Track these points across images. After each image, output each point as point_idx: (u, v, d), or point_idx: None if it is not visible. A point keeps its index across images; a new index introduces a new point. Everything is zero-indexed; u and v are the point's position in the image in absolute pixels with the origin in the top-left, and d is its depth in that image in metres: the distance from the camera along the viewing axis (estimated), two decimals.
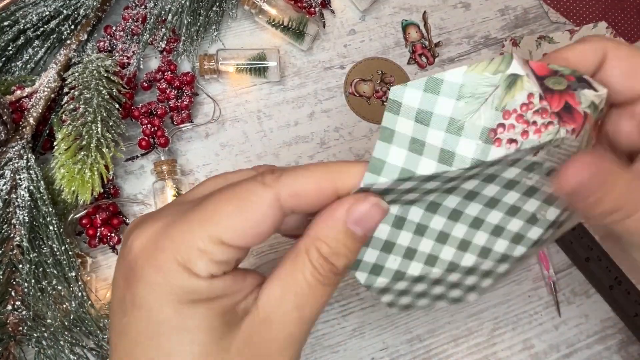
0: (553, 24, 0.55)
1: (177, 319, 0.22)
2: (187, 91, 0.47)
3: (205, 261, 0.22)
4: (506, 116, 0.22)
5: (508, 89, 0.22)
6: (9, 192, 0.39)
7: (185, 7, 0.46)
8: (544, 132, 0.22)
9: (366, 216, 0.23)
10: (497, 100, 0.22)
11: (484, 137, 0.22)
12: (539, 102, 0.22)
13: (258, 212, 0.22)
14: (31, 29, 0.45)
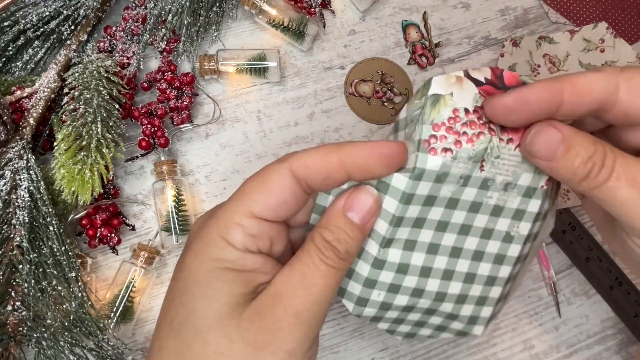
0: (553, 24, 0.55)
1: (207, 279, 0.25)
2: (187, 91, 0.47)
3: (240, 232, 0.26)
4: (436, 128, 0.26)
5: (433, 106, 0.26)
6: (9, 192, 0.39)
7: (185, 7, 0.46)
8: (477, 141, 0.26)
9: (360, 203, 0.27)
10: (426, 116, 0.26)
11: (420, 148, 0.26)
12: (465, 115, 0.26)
13: (276, 183, 0.26)
14: (31, 29, 0.45)
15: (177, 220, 0.43)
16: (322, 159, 0.26)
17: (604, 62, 0.52)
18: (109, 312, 0.41)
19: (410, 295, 0.29)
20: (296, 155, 0.26)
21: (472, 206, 0.27)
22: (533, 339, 0.46)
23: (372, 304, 0.29)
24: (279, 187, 0.26)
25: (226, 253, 0.26)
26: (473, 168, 0.26)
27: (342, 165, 0.26)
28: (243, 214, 0.26)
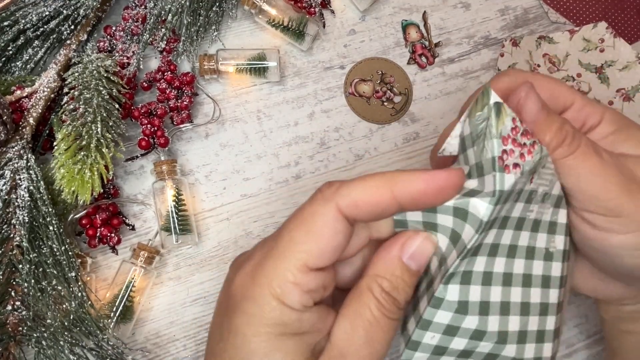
0: (553, 24, 0.55)
1: (266, 349, 0.24)
2: (187, 91, 0.47)
3: (297, 292, 0.24)
4: (505, 142, 0.24)
5: (497, 117, 0.24)
6: (9, 192, 0.39)
7: (185, 7, 0.46)
8: (533, 151, 0.24)
9: (419, 250, 0.26)
10: (493, 129, 0.24)
11: (497, 167, 0.23)
12: (521, 124, 0.24)
13: (326, 228, 0.24)
14: (31, 29, 0.45)
15: (177, 220, 0.43)
16: (373, 194, 0.24)
17: (604, 61, 0.52)
18: (109, 312, 0.41)
19: (470, 338, 0.26)
20: (342, 192, 0.24)
21: (518, 223, 0.25)
22: None
23: (425, 347, 0.26)
24: (330, 232, 0.24)
25: (283, 317, 0.24)
26: (527, 181, 0.25)
27: (395, 200, 0.24)
28: (297, 270, 0.24)
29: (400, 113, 0.51)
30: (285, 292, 0.23)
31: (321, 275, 0.24)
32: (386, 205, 0.24)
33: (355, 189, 0.24)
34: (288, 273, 0.24)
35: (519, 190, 0.24)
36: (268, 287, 0.24)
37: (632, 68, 0.52)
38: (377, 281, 0.25)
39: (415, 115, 0.51)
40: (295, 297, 0.23)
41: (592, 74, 0.52)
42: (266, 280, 0.24)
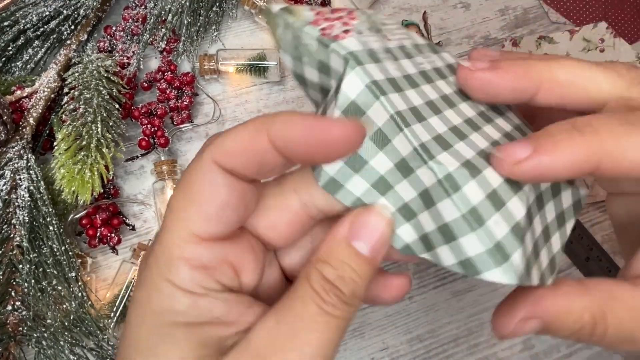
0: (553, 24, 0.55)
1: (149, 341, 0.19)
2: (187, 91, 0.47)
3: (185, 268, 0.19)
4: (316, 24, 0.22)
5: (291, 14, 0.22)
6: (9, 192, 0.39)
7: (185, 7, 0.46)
8: (356, 16, 0.22)
9: (369, 228, 0.20)
10: (297, 24, 0.22)
11: (327, 41, 0.21)
12: (329, 13, 0.23)
13: (204, 185, 0.20)
14: (31, 29, 0.45)
15: None
16: (246, 140, 0.19)
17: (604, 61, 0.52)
18: (109, 312, 0.41)
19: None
20: (216, 140, 0.20)
21: (425, 76, 0.23)
22: (533, 338, 0.46)
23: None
24: (209, 188, 0.20)
25: (172, 302, 0.19)
26: (382, 39, 0.22)
27: (274, 145, 0.19)
28: (184, 242, 0.19)
29: None
30: (172, 270, 0.19)
31: (219, 246, 0.20)
32: (263, 152, 0.19)
33: (228, 136, 0.20)
34: (174, 247, 0.19)
35: (384, 49, 0.22)
36: (156, 267, 0.20)
37: None
38: (317, 268, 0.20)
39: None
40: (185, 274, 0.19)
41: None
42: (154, 259, 0.20)
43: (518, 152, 0.19)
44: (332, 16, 0.22)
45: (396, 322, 0.45)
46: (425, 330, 0.45)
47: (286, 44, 0.22)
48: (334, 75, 0.21)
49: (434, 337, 0.45)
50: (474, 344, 0.45)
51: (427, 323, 0.45)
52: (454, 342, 0.45)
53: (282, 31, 0.22)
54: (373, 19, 0.23)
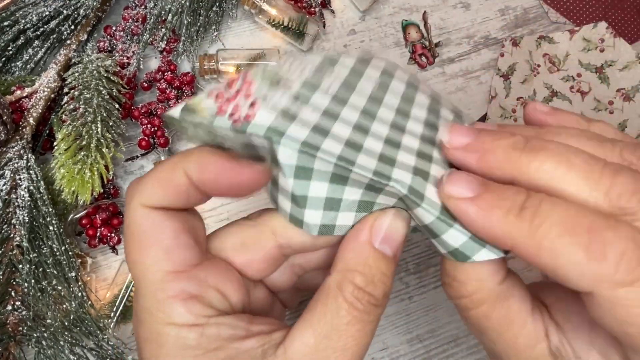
0: (553, 24, 0.55)
1: None
2: (187, 91, 0.47)
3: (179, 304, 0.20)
4: (220, 113, 0.21)
5: (192, 112, 0.22)
6: (9, 192, 0.39)
7: (185, 7, 0.46)
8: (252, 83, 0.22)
9: (391, 230, 0.21)
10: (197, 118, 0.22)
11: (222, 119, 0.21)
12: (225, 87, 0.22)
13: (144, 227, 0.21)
14: (31, 29, 0.45)
15: None
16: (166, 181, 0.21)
17: (604, 61, 0.52)
18: (109, 312, 0.41)
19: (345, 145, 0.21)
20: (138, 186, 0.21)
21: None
22: None
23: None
24: (153, 227, 0.21)
25: (182, 340, 0.20)
26: (285, 88, 0.22)
27: (194, 184, 0.21)
28: (161, 282, 0.20)
29: None
30: (167, 312, 0.20)
31: (195, 273, 0.21)
32: (184, 188, 0.21)
33: (148, 179, 0.21)
34: (157, 292, 0.20)
35: (292, 97, 0.22)
36: (151, 319, 0.20)
37: (632, 68, 0.52)
38: (347, 277, 0.21)
39: None
40: (181, 310, 0.20)
41: (592, 74, 0.52)
42: (146, 314, 0.21)
43: (463, 190, 0.20)
44: (231, 93, 0.22)
45: (396, 322, 0.45)
46: (425, 330, 0.45)
47: (203, 138, 0.23)
48: (263, 150, 0.21)
49: (434, 337, 0.45)
50: (474, 344, 0.45)
51: (427, 323, 0.45)
52: (454, 342, 0.45)
53: (194, 131, 0.22)
54: (268, 72, 0.23)
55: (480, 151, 0.20)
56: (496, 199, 0.19)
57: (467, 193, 0.19)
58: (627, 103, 0.51)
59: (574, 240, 0.17)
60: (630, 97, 0.51)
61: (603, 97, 0.52)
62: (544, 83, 0.53)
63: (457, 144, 0.21)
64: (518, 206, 0.18)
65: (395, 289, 0.46)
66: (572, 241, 0.17)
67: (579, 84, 0.52)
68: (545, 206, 0.18)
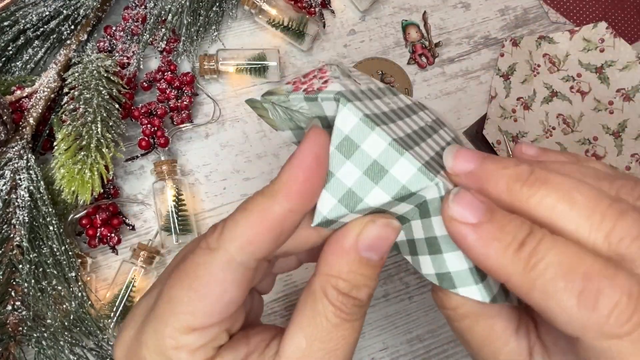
0: (553, 24, 0.55)
1: None
2: (187, 91, 0.47)
3: (185, 355, 0.20)
4: (297, 87, 0.23)
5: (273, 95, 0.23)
6: (9, 192, 0.39)
7: (185, 7, 0.46)
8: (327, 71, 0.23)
9: (379, 239, 0.21)
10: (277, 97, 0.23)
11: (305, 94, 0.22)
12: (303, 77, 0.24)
13: (213, 283, 0.20)
14: (31, 29, 0.45)
15: (177, 220, 0.43)
16: (264, 226, 0.20)
17: (604, 61, 0.52)
18: (109, 312, 0.41)
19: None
20: (227, 235, 0.20)
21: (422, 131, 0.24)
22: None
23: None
24: (219, 286, 0.20)
25: None
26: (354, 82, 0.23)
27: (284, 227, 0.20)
28: (178, 333, 0.20)
29: None
30: (171, 359, 0.20)
31: (211, 330, 0.21)
32: (281, 219, 0.20)
33: (239, 227, 0.20)
34: (168, 339, 0.20)
35: (359, 90, 0.22)
36: (152, 357, 0.20)
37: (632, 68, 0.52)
38: (331, 283, 0.21)
39: None
40: (186, 357, 0.20)
41: (592, 74, 0.52)
42: (147, 350, 0.20)
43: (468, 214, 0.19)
44: (306, 79, 0.23)
45: (396, 322, 0.45)
46: (425, 330, 0.45)
47: (281, 121, 0.24)
48: (333, 122, 0.21)
49: (434, 337, 0.45)
50: None
51: (427, 323, 0.45)
52: (454, 342, 0.45)
53: (272, 111, 0.23)
54: (342, 67, 0.24)
55: (483, 180, 0.20)
56: (498, 231, 0.19)
57: (470, 218, 0.19)
58: (627, 103, 0.51)
59: (568, 286, 0.17)
60: (630, 97, 0.51)
61: (603, 97, 0.52)
62: (544, 83, 0.53)
63: (460, 171, 0.21)
64: (518, 242, 0.18)
65: (395, 289, 0.46)
66: (566, 286, 0.17)
67: (579, 84, 0.52)
68: (544, 245, 0.18)
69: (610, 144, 0.51)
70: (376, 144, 0.20)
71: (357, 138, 0.20)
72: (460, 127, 0.51)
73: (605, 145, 0.51)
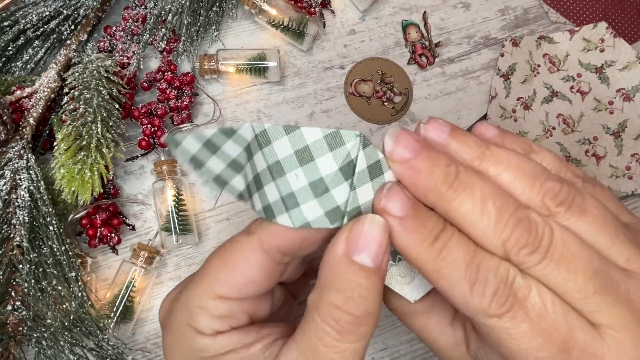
0: (553, 24, 0.55)
1: None
2: (187, 91, 0.47)
3: (205, 317, 0.23)
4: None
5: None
6: (9, 192, 0.39)
7: (185, 7, 0.46)
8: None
9: (366, 238, 0.21)
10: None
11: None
12: None
13: (242, 260, 0.23)
14: (31, 29, 0.45)
15: (177, 220, 0.43)
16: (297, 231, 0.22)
17: (604, 61, 0.52)
18: (109, 312, 0.41)
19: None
20: (264, 224, 0.22)
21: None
22: None
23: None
24: (246, 265, 0.23)
25: (196, 343, 0.23)
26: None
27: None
28: (205, 296, 0.23)
29: (401, 113, 0.51)
30: (194, 317, 0.23)
31: (237, 303, 0.23)
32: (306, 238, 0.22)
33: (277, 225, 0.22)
34: (197, 299, 0.23)
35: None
36: (181, 314, 0.24)
37: (632, 68, 0.52)
38: (323, 295, 0.20)
39: (415, 115, 0.51)
40: (204, 322, 0.23)
41: (592, 74, 0.52)
42: (180, 307, 0.24)
43: (396, 208, 0.21)
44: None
45: (396, 322, 0.45)
46: None
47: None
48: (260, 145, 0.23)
49: None
50: None
51: None
52: None
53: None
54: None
55: (414, 172, 0.22)
56: (418, 225, 0.21)
57: (398, 212, 0.21)
58: (627, 103, 0.51)
59: (465, 276, 0.20)
60: (630, 97, 0.51)
61: (603, 97, 0.52)
62: (544, 83, 0.53)
63: (398, 158, 0.22)
64: (433, 236, 0.21)
65: None
66: (464, 276, 0.20)
67: (579, 84, 0.52)
68: (453, 242, 0.21)
69: (610, 144, 0.51)
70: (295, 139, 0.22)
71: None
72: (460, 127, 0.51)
73: (605, 145, 0.51)
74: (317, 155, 0.21)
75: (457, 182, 0.21)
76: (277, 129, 0.22)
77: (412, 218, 0.21)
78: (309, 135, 0.22)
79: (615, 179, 0.50)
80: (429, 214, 0.22)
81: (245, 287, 0.23)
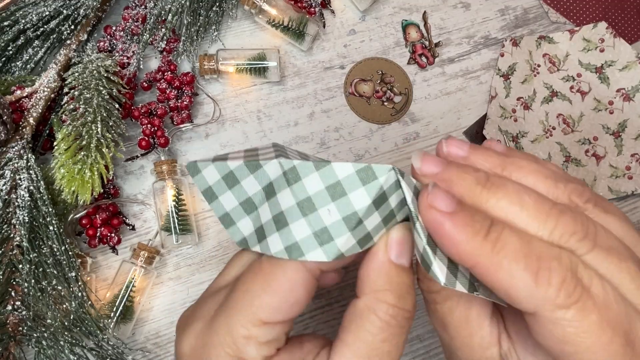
0: (553, 24, 0.55)
1: None
2: (187, 91, 0.47)
3: (253, 346, 0.22)
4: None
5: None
6: (9, 192, 0.39)
7: (185, 7, 0.46)
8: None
9: (402, 243, 0.23)
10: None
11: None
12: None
13: (285, 282, 0.23)
14: (31, 29, 0.45)
15: (177, 220, 0.43)
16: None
17: (604, 61, 0.52)
18: (109, 312, 0.41)
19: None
20: None
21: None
22: None
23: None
24: (290, 286, 0.23)
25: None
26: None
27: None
28: (250, 324, 0.22)
29: (401, 113, 0.51)
30: (241, 349, 0.22)
31: (278, 326, 0.23)
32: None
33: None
34: (241, 328, 0.22)
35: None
36: (222, 346, 0.23)
37: (632, 68, 0.52)
38: (379, 298, 0.23)
39: (415, 115, 0.51)
40: (252, 351, 0.22)
41: (592, 74, 0.52)
42: (218, 339, 0.23)
43: (443, 204, 0.21)
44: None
45: None
46: (425, 330, 0.45)
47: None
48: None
49: (434, 337, 0.45)
50: None
51: (427, 323, 0.45)
52: None
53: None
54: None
55: (447, 181, 0.22)
56: (469, 219, 0.21)
57: (446, 207, 0.21)
58: (627, 103, 0.51)
59: (527, 266, 0.20)
60: (630, 97, 0.51)
61: (603, 97, 0.52)
62: (544, 83, 0.53)
63: (427, 172, 0.23)
64: (485, 229, 0.21)
65: None
66: (525, 266, 0.20)
67: (579, 84, 0.52)
68: (506, 233, 0.21)
69: (610, 144, 0.51)
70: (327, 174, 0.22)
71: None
72: (460, 127, 0.51)
73: (605, 145, 0.51)
74: (349, 190, 0.22)
75: (490, 184, 0.22)
76: (306, 165, 0.22)
77: (461, 212, 0.21)
78: (340, 171, 0.22)
79: (615, 179, 0.50)
80: (476, 209, 0.21)
81: (291, 309, 0.23)
